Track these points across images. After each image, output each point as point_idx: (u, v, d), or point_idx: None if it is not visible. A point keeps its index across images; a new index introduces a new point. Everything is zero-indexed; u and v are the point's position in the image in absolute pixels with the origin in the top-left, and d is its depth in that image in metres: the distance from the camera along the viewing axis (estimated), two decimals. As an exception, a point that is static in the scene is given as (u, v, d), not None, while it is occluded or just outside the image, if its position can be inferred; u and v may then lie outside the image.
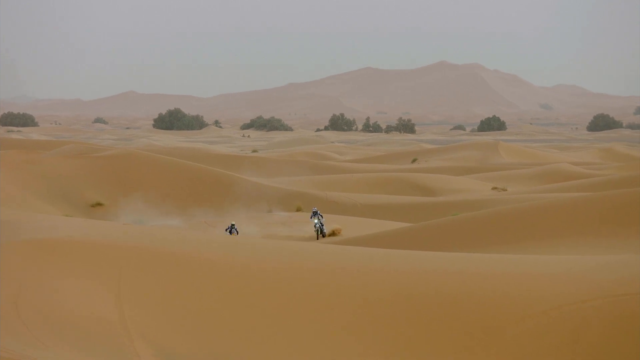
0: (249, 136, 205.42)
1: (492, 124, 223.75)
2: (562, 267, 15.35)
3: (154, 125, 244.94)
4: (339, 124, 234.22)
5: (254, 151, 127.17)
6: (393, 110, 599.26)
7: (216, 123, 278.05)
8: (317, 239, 38.68)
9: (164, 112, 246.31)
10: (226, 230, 37.39)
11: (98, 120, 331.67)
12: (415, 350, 13.41)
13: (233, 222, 37.99)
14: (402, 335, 13.68)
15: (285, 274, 15.32)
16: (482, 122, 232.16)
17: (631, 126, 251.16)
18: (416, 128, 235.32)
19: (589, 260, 16.17)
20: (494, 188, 64.00)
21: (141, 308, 14.18)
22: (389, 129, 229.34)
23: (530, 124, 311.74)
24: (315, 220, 39.17)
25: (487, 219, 30.86)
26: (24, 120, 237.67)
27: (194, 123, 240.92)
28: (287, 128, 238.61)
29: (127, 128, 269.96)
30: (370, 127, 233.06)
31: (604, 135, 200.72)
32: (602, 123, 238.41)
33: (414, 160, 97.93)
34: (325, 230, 39.19)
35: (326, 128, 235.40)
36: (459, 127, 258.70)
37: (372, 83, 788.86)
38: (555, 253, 24.30)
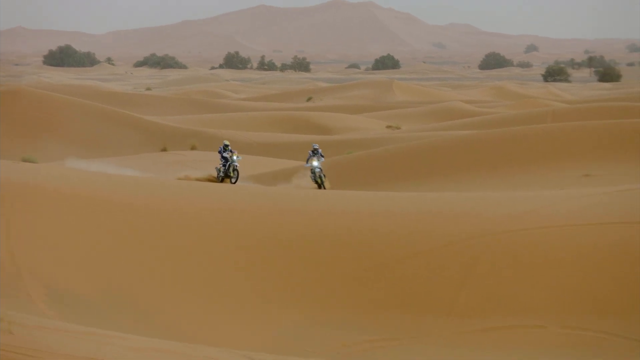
0: (132, 73, 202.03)
1: (386, 63, 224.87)
2: (455, 205, 15.59)
3: (44, 62, 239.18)
4: (233, 62, 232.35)
5: (148, 89, 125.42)
6: (288, 48, 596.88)
7: (108, 60, 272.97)
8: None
9: (54, 48, 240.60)
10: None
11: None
12: (305, 287, 13.51)
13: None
14: (297, 273, 13.77)
15: (187, 214, 15.22)
16: (376, 60, 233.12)
17: (521, 64, 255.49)
18: (311, 66, 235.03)
19: (482, 197, 16.45)
20: (389, 126, 64.53)
21: (32, 246, 13.94)
22: (284, 67, 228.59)
23: (424, 62, 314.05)
24: (315, 163, 27.56)
25: (382, 157, 31.12)
26: None
27: (86, 60, 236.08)
28: (181, 66, 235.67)
29: (16, 65, 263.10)
30: (265, 66, 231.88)
31: (496, 73, 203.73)
32: (493, 61, 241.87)
33: (309, 99, 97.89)
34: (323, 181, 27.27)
35: (221, 66, 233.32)
36: (354, 66, 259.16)
37: (266, 21, 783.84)
38: (450, 190, 24.67)
